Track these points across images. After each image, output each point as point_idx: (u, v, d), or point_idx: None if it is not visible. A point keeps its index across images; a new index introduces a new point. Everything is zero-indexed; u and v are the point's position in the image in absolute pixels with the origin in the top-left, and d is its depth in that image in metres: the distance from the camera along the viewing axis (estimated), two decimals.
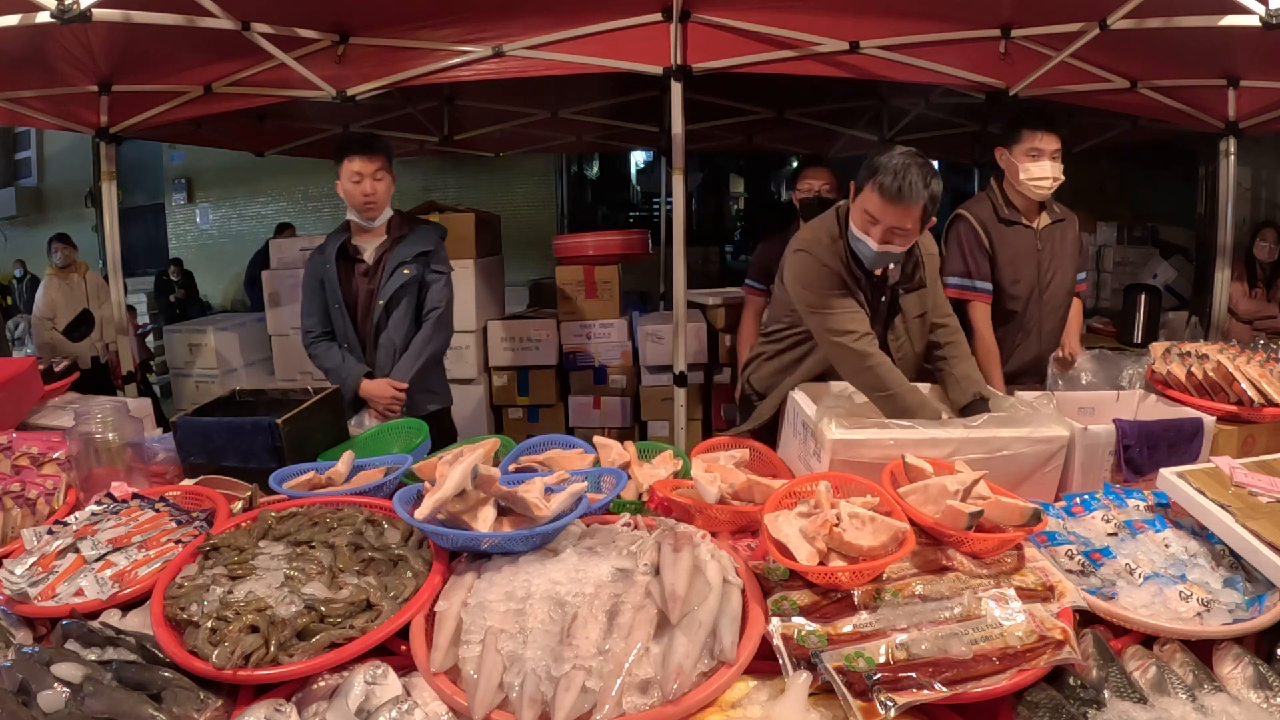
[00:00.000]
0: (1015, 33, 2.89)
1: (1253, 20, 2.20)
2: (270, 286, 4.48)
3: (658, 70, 2.87)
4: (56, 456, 1.76)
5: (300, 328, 2.59)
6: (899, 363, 1.97)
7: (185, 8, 2.47)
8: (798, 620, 1.09)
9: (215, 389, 4.31)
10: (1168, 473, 1.43)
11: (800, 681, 1.01)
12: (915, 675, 0.99)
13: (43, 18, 2.14)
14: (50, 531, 1.43)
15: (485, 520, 1.28)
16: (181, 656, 1.09)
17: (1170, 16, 2.52)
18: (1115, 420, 1.67)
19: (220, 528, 1.43)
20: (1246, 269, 4.62)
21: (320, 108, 3.80)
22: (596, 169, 10.32)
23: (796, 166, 3.17)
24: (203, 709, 1.04)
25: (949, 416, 1.85)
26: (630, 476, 1.65)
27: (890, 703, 0.96)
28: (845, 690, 0.98)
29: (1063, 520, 1.44)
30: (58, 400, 2.28)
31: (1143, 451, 1.65)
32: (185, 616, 1.14)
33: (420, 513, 1.26)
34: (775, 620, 1.10)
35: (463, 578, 1.22)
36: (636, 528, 1.34)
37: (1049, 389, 2.44)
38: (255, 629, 1.10)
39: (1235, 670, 1.09)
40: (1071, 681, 1.05)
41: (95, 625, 1.17)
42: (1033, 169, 2.40)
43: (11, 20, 2.26)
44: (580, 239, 4.49)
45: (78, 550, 1.36)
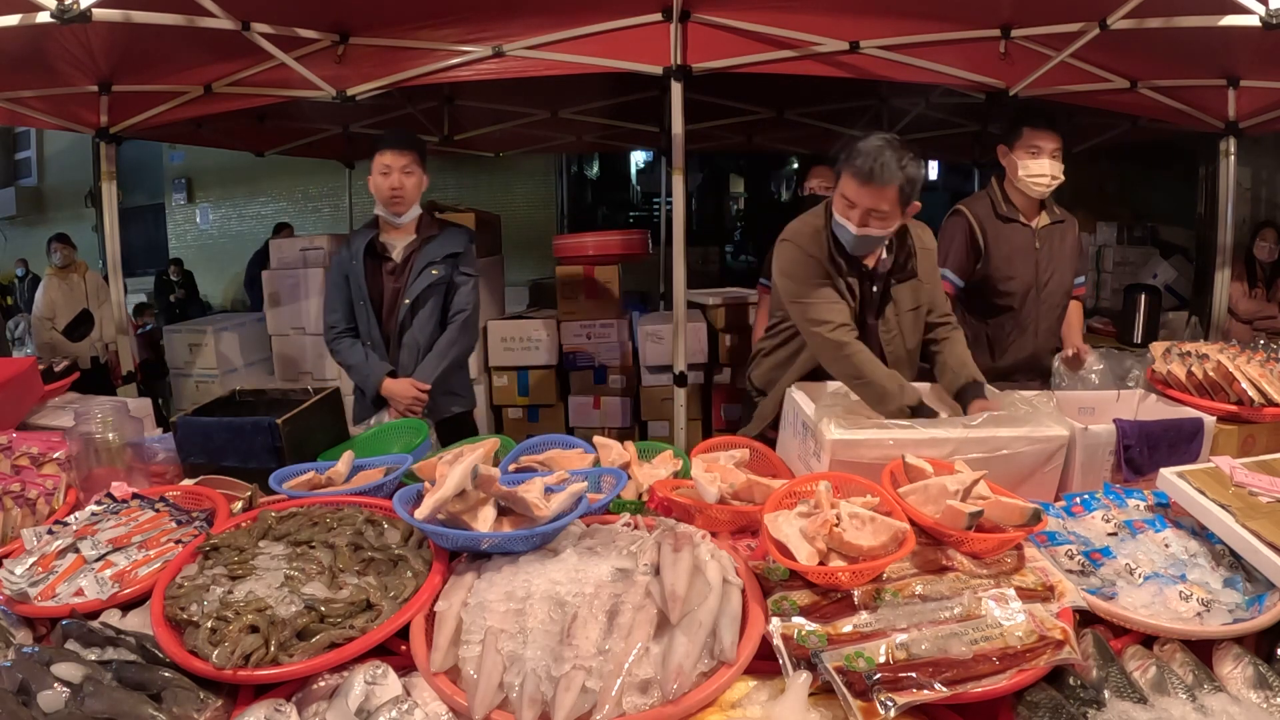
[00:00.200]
0: (1015, 33, 2.90)
1: (1253, 20, 2.20)
2: (270, 286, 4.48)
3: (658, 70, 2.87)
4: (56, 456, 1.76)
5: (323, 323, 2.55)
6: (890, 355, 1.98)
7: (185, 8, 2.47)
8: (798, 620, 1.09)
9: (215, 389, 4.31)
10: (1168, 473, 1.43)
11: (800, 681, 1.01)
12: (915, 675, 0.99)
13: (43, 18, 2.14)
14: (50, 531, 1.43)
15: (485, 520, 1.28)
16: (181, 656, 1.09)
17: (1170, 16, 2.52)
18: (1115, 420, 1.67)
19: (220, 528, 1.43)
20: (1246, 269, 4.62)
21: (320, 108, 3.81)
22: (596, 169, 10.32)
23: (803, 164, 3.18)
24: (203, 709, 1.04)
25: (941, 407, 1.83)
26: (630, 476, 1.65)
27: (890, 703, 0.96)
28: (845, 690, 0.98)
29: (1063, 520, 1.44)
30: (58, 400, 2.28)
31: (1143, 451, 1.65)
32: (185, 616, 1.14)
33: (420, 513, 1.26)
34: (775, 620, 1.09)
35: (463, 578, 1.22)
36: (636, 528, 1.34)
37: (1056, 388, 2.45)
38: (255, 629, 1.10)
39: (1235, 670, 1.09)
40: (1071, 681, 1.05)
41: (95, 625, 1.17)
42: (1031, 166, 2.42)
43: (11, 20, 2.26)
44: (580, 239, 4.49)
45: (78, 550, 1.36)
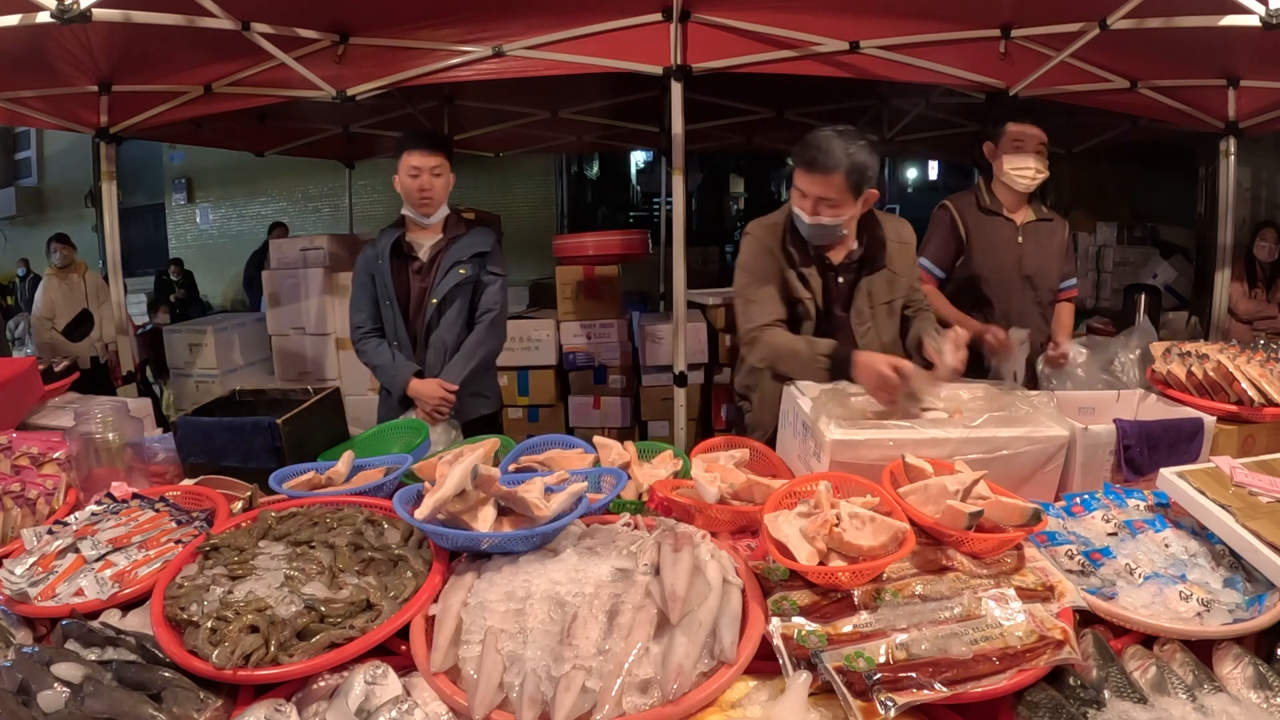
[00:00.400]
0: (1015, 33, 2.90)
1: (1253, 20, 2.21)
2: (270, 286, 4.48)
3: (658, 70, 2.87)
4: (56, 456, 1.76)
5: (349, 322, 2.54)
6: (864, 348, 1.98)
7: (185, 8, 2.47)
8: (798, 620, 1.09)
9: (215, 389, 4.32)
10: (1168, 473, 1.43)
11: (800, 681, 1.01)
12: (915, 675, 0.99)
13: (43, 18, 2.15)
14: (50, 531, 1.43)
15: (485, 520, 1.28)
16: (181, 656, 1.09)
17: (1170, 16, 2.52)
18: (1115, 420, 1.67)
19: (220, 528, 1.43)
20: (1246, 269, 4.63)
21: (320, 108, 3.81)
22: (596, 169, 10.33)
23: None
24: (203, 709, 1.04)
25: (937, 400, 1.82)
26: (630, 476, 1.65)
27: (890, 703, 0.96)
28: (845, 690, 0.98)
29: (1063, 520, 1.44)
30: (58, 400, 2.28)
31: (1143, 451, 1.65)
32: (185, 616, 1.14)
33: (420, 513, 1.26)
34: (775, 620, 1.09)
35: (463, 578, 1.22)
36: (636, 528, 1.34)
37: (1043, 387, 2.44)
38: (255, 629, 1.10)
39: (1235, 670, 1.09)
40: (1071, 681, 1.04)
41: (95, 625, 1.17)
42: (1016, 159, 2.46)
43: (11, 20, 2.26)
44: (580, 239, 4.50)
45: (78, 550, 1.36)
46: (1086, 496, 1.50)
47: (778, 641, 1.06)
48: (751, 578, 1.20)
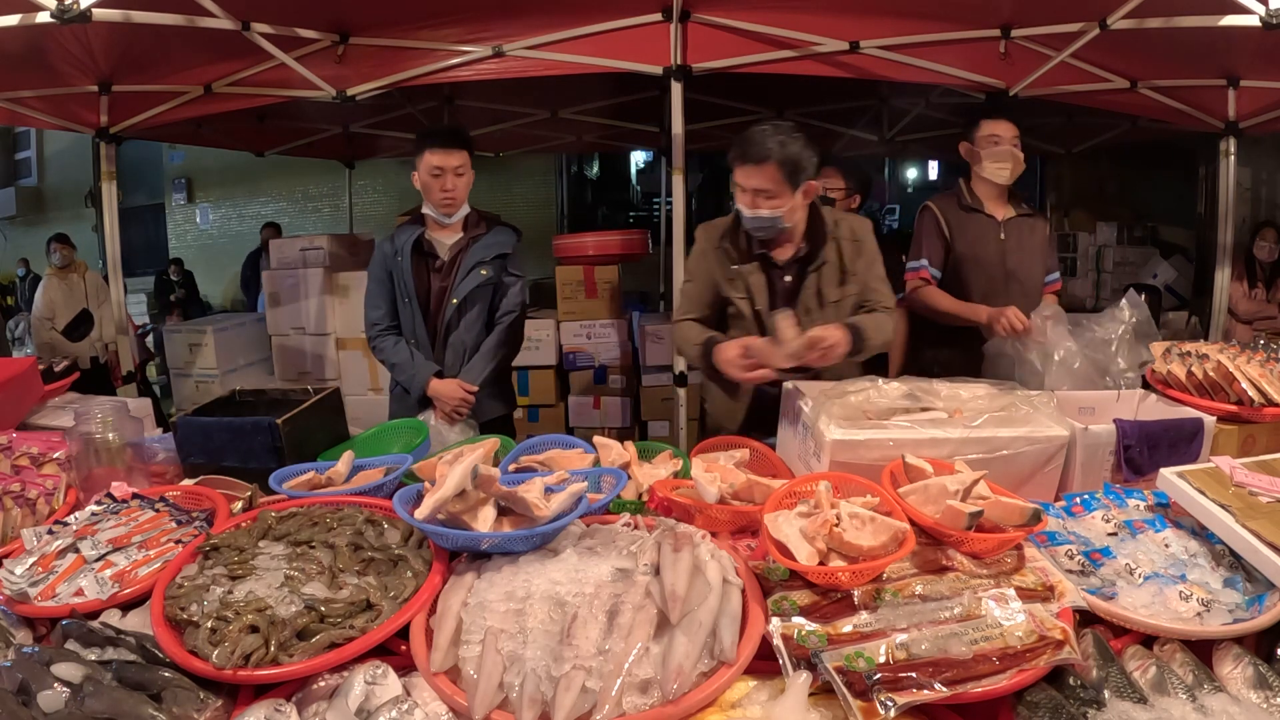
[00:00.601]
0: (1015, 33, 2.90)
1: (1253, 20, 2.21)
2: (270, 286, 4.48)
3: (658, 70, 2.87)
4: (56, 456, 1.76)
5: (365, 319, 2.50)
6: None
7: (185, 8, 2.47)
8: (798, 620, 1.09)
9: (215, 389, 4.31)
10: (1168, 473, 1.43)
11: (800, 681, 1.01)
12: (915, 675, 0.99)
13: (43, 18, 2.15)
14: (50, 531, 1.43)
15: (485, 520, 1.28)
16: (181, 656, 1.09)
17: (1170, 16, 2.52)
18: (1115, 420, 1.67)
19: (220, 528, 1.43)
20: (1246, 269, 4.63)
21: (320, 108, 3.81)
22: (596, 169, 10.32)
23: None
24: (203, 709, 1.04)
25: (935, 400, 1.81)
26: (630, 476, 1.65)
27: (890, 703, 0.96)
28: (845, 690, 0.98)
29: (1063, 520, 1.44)
30: (58, 400, 2.28)
31: (1143, 451, 1.65)
32: (185, 616, 1.14)
33: (420, 513, 1.26)
34: (775, 620, 1.09)
35: (463, 578, 1.22)
36: (636, 528, 1.34)
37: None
38: (255, 629, 1.10)
39: (1235, 670, 1.09)
40: (1071, 681, 1.04)
41: (95, 625, 1.17)
42: (994, 154, 2.49)
43: (11, 20, 2.26)
44: (580, 239, 4.50)
45: (78, 550, 1.36)
46: (1086, 496, 1.50)
47: (778, 641, 1.06)
48: (751, 578, 1.20)
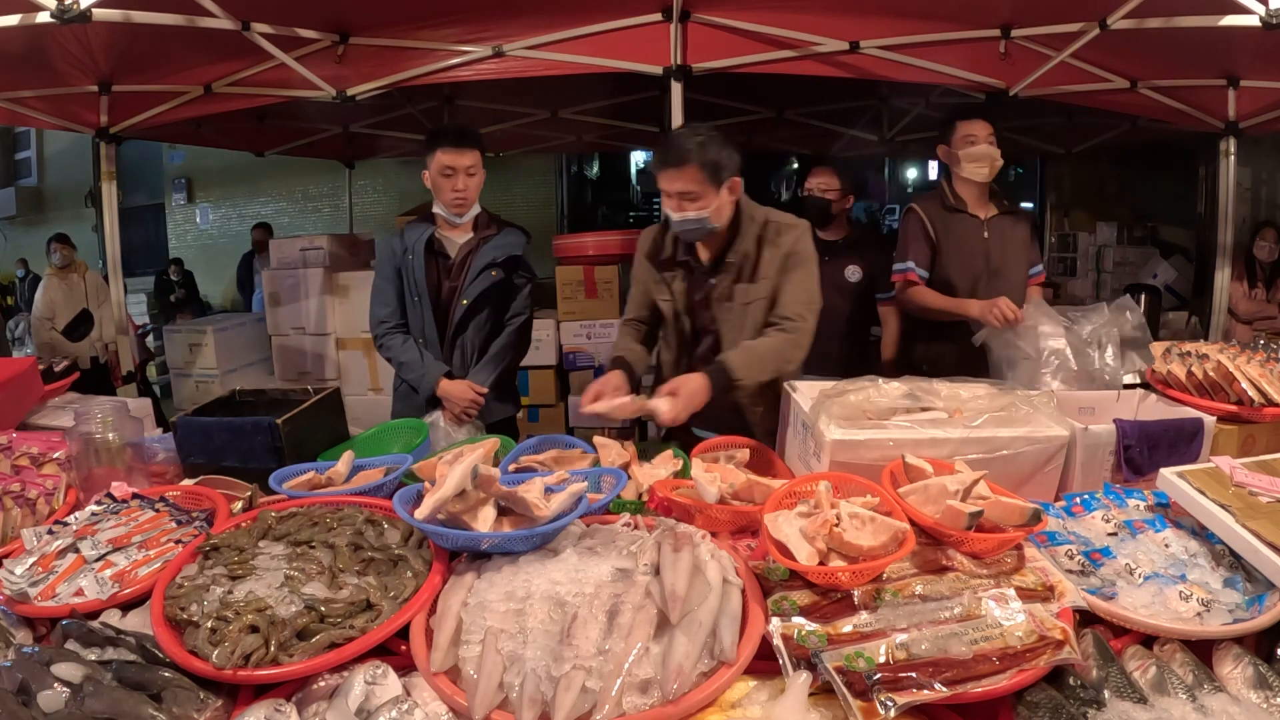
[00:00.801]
0: (1015, 33, 2.90)
1: (1253, 20, 2.21)
2: (270, 286, 4.48)
3: (658, 70, 2.87)
4: (56, 456, 1.76)
5: (371, 317, 2.48)
6: (726, 347, 1.99)
7: (185, 8, 2.47)
8: (798, 620, 1.09)
9: (215, 389, 4.32)
10: (1168, 473, 1.43)
11: (800, 681, 1.01)
12: (915, 675, 0.99)
13: (43, 18, 2.15)
14: (50, 531, 1.43)
15: (485, 520, 1.28)
16: (181, 656, 1.09)
17: (1170, 16, 2.52)
18: (1115, 420, 1.67)
19: (220, 528, 1.43)
20: (1246, 269, 4.63)
21: (320, 108, 3.80)
22: (596, 169, 10.31)
23: (804, 165, 3.20)
24: (203, 709, 1.04)
25: (935, 400, 1.79)
26: (630, 476, 1.65)
27: (890, 703, 0.96)
28: (845, 690, 0.98)
29: (1063, 520, 1.44)
30: (58, 400, 2.28)
31: (1143, 451, 1.65)
32: (185, 616, 1.14)
33: (420, 513, 1.26)
34: (775, 620, 1.09)
35: (463, 578, 1.22)
36: (636, 528, 1.34)
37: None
38: (255, 629, 1.10)
39: (1235, 670, 1.09)
40: (1071, 681, 1.04)
41: (95, 625, 1.17)
42: (971, 153, 2.52)
43: (11, 20, 2.26)
44: (580, 239, 4.49)
45: (78, 550, 1.36)
46: (1086, 496, 1.50)
47: (778, 641, 1.06)
48: (751, 578, 1.20)
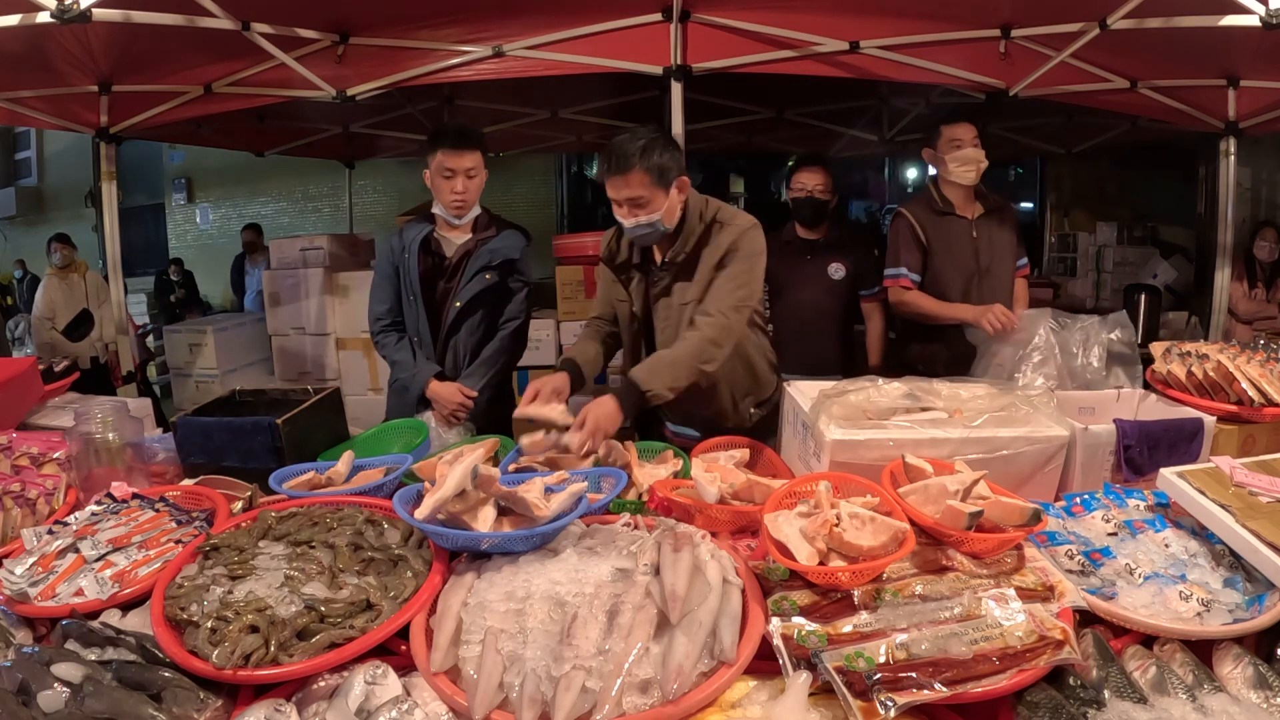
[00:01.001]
0: (1015, 33, 2.89)
1: (1253, 20, 2.21)
2: (270, 286, 4.48)
3: (658, 70, 2.87)
4: (56, 456, 1.76)
5: (369, 314, 2.47)
6: (662, 346, 1.99)
7: (185, 8, 2.47)
8: (798, 620, 1.09)
9: (215, 389, 4.32)
10: (1168, 473, 1.43)
11: (800, 681, 1.01)
12: (915, 675, 0.99)
13: (43, 18, 2.15)
14: (50, 531, 1.43)
15: (485, 520, 1.28)
16: (181, 656, 1.09)
17: (1170, 16, 2.52)
18: (1115, 420, 1.67)
19: (220, 528, 1.43)
20: (1246, 269, 4.63)
21: (320, 108, 3.80)
22: (596, 169, 10.31)
23: (791, 165, 3.20)
24: (203, 709, 1.04)
25: (935, 400, 1.79)
26: (630, 476, 1.65)
27: (890, 703, 0.96)
28: (845, 690, 0.98)
29: (1063, 520, 1.44)
30: (58, 400, 2.28)
31: (1143, 451, 1.65)
32: (185, 616, 1.14)
33: (420, 513, 1.26)
34: (775, 620, 1.09)
35: (463, 578, 1.22)
36: (636, 528, 1.34)
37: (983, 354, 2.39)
38: (255, 629, 1.10)
39: (1235, 670, 1.09)
40: (1071, 681, 1.05)
41: (95, 625, 1.17)
42: (957, 157, 2.56)
43: (11, 20, 2.26)
44: (580, 239, 4.49)
45: (78, 550, 1.36)
46: (1086, 496, 1.50)
47: (778, 641, 1.06)
48: (751, 578, 1.20)
